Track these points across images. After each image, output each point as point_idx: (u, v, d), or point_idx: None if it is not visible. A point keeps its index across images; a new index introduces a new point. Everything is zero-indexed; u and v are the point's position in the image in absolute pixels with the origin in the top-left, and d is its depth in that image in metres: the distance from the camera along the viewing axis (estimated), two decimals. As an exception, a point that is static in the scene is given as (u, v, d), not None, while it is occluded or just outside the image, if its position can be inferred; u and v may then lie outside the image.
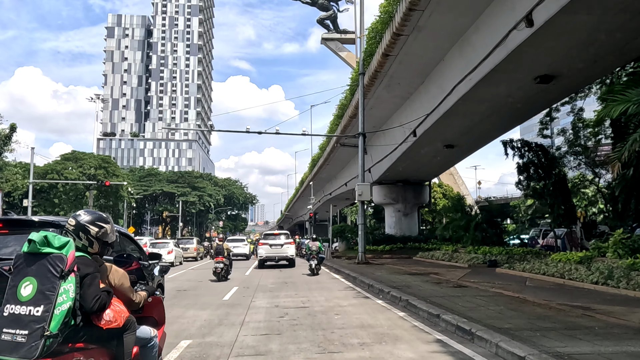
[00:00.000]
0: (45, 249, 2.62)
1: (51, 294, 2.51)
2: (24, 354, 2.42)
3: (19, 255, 2.67)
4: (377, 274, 13.33)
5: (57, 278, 2.54)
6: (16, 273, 2.62)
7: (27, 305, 2.50)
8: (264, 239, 21.31)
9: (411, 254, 26.90)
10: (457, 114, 17.88)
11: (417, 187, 30.28)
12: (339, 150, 32.37)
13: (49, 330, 2.45)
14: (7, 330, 2.48)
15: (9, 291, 2.57)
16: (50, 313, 2.47)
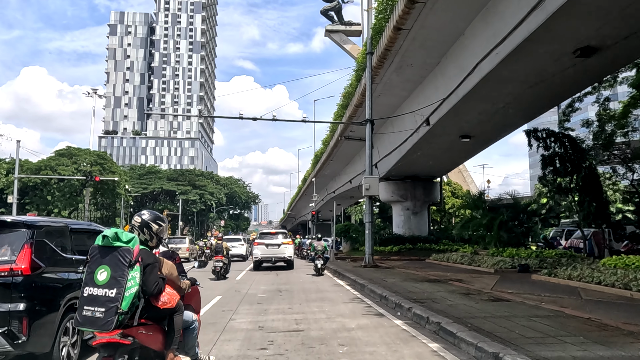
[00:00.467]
0: (117, 243, 3.23)
1: (122, 280, 3.14)
2: (101, 326, 3.07)
3: (93, 247, 3.30)
4: (389, 280, 11.25)
5: (126, 267, 3.18)
6: (92, 262, 3.25)
7: (102, 288, 3.14)
8: (260, 239, 19.30)
9: (421, 255, 24.80)
10: (477, 98, 15.75)
11: (427, 184, 28.14)
12: (343, 145, 30.27)
13: (121, 309, 3.09)
14: (87, 307, 3.13)
15: (87, 277, 3.23)
16: (122, 295, 3.10)
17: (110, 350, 3.22)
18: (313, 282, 13.14)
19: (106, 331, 3.07)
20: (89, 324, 3.11)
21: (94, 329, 3.10)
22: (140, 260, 3.24)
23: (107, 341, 3.18)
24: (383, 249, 25.75)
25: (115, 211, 59.81)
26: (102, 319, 3.05)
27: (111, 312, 3.05)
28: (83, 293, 3.18)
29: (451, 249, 25.42)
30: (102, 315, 3.05)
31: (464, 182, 52.48)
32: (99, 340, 3.20)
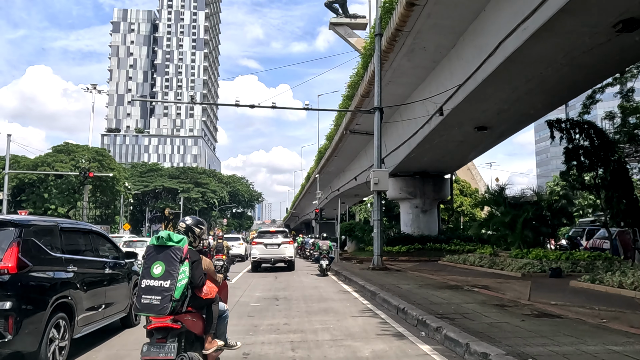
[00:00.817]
0: (169, 242, 3.87)
1: (175, 273, 3.75)
2: (158, 311, 3.67)
3: (149, 246, 3.94)
4: (403, 286, 9.75)
5: (178, 262, 3.79)
6: (148, 259, 3.85)
7: (158, 280, 3.74)
8: (259, 238, 17.88)
9: (432, 256, 23.29)
10: (498, 83, 14.23)
11: (437, 180, 26.59)
12: (348, 139, 28.76)
13: (174, 297, 3.70)
14: (145, 296, 3.72)
15: (144, 271, 3.82)
16: (175, 285, 3.72)
17: (163, 333, 3.78)
18: (315, 287, 11.66)
19: (162, 315, 3.68)
20: (147, 309, 3.68)
21: (152, 313, 3.69)
22: (188, 257, 3.87)
23: (160, 325, 3.76)
24: (390, 249, 24.25)
25: (115, 209, 58.56)
26: (159, 305, 3.63)
27: (166, 299, 3.64)
28: (141, 284, 3.75)
29: (463, 250, 23.91)
30: (159, 302, 3.63)
31: (472, 179, 50.88)
32: (154, 325, 3.78)
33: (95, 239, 6.27)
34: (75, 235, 5.79)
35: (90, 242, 6.09)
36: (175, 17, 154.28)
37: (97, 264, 6.00)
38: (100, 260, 6.13)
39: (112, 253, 6.66)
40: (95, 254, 6.09)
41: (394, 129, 23.55)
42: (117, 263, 6.60)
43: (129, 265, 7.04)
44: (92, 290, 5.61)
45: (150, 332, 3.84)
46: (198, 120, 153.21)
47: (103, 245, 6.52)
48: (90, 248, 6.03)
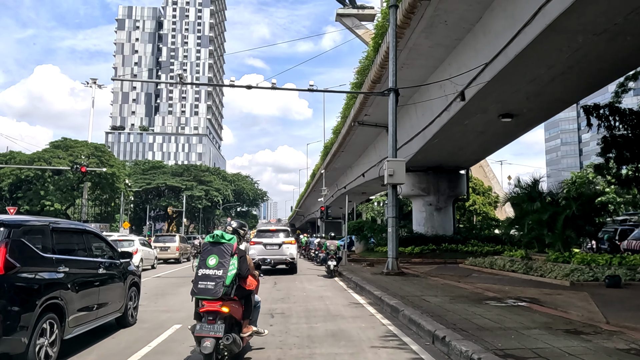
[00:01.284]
0: (222, 240, 4.87)
1: (226, 264, 4.73)
2: (212, 294, 4.57)
3: (205, 243, 4.95)
4: (430, 299, 7.83)
5: (229, 256, 4.79)
6: (204, 252, 4.83)
7: (212, 269, 4.70)
8: (257, 237, 16.06)
9: (447, 258, 21.37)
10: (534, 58, 12.29)
11: (452, 176, 24.63)
12: (356, 133, 26.87)
13: (225, 284, 4.63)
14: (201, 282, 4.64)
15: (201, 262, 4.78)
16: (226, 274, 4.68)
17: (212, 315, 4.62)
18: (321, 297, 9.72)
19: (214, 298, 4.58)
20: (203, 293, 4.63)
21: (206, 296, 4.61)
22: (237, 252, 4.88)
23: (211, 309, 4.61)
24: (402, 250, 22.28)
25: (115, 207, 56.96)
26: (213, 289, 4.60)
27: (219, 285, 4.62)
28: (198, 273, 4.73)
29: (481, 251, 21.99)
30: (213, 287, 4.61)
31: (485, 177, 48.75)
32: (206, 308, 4.63)
33: (89, 239, 6.22)
34: (68, 235, 5.77)
35: (83, 242, 6.02)
36: (180, 14, 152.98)
37: (90, 264, 5.95)
38: (94, 261, 6.09)
39: (107, 253, 6.64)
40: (88, 254, 6.05)
41: (407, 119, 21.62)
42: (112, 263, 6.58)
43: (124, 265, 6.96)
44: (85, 290, 5.58)
45: (199, 315, 4.69)
46: (203, 118, 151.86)
47: (97, 245, 6.49)
48: (83, 248, 5.97)
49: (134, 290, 7.19)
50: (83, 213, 44.32)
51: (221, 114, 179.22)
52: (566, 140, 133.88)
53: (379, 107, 21.97)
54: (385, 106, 21.95)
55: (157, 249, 20.59)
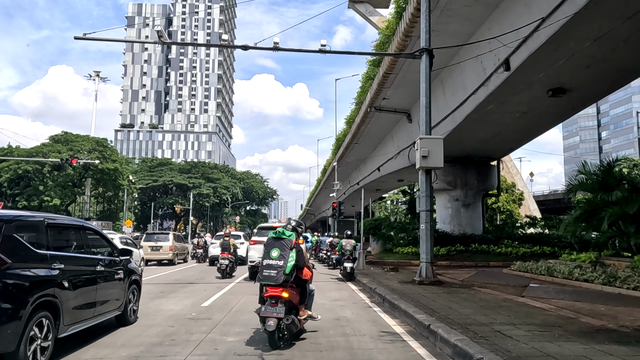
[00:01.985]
0: (283, 236, 5.84)
1: (286, 256, 5.65)
2: (274, 280, 5.52)
3: (269, 238, 5.94)
4: (506, 329, 4.99)
5: (288, 249, 5.71)
6: (268, 246, 5.81)
7: (275, 260, 5.63)
8: (258, 235, 13.48)
9: (478, 260, 18.70)
10: (608, 6, 9.55)
11: (482, 168, 21.85)
12: (372, 121, 24.23)
13: (285, 272, 5.57)
14: (265, 270, 5.61)
15: (265, 254, 5.76)
16: (286, 264, 5.60)
17: (275, 299, 5.43)
18: (338, 320, 7.04)
19: (276, 284, 5.48)
20: (267, 279, 5.54)
21: (270, 282, 5.51)
22: (295, 247, 5.79)
23: (274, 294, 5.47)
24: (426, 251, 19.60)
25: (118, 204, 54.84)
26: (275, 277, 5.50)
27: (280, 273, 5.52)
28: (263, 263, 5.70)
29: (517, 253, 19.27)
30: (275, 275, 5.51)
31: (507, 173, 45.68)
32: (269, 293, 5.50)
33: (87, 235, 6.07)
34: (64, 232, 5.65)
35: (81, 239, 5.86)
36: (190, 11, 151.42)
37: (87, 261, 5.83)
38: (92, 257, 5.96)
39: (106, 250, 6.51)
40: (86, 251, 5.91)
41: (432, 101, 18.85)
42: (112, 260, 6.45)
43: (124, 262, 6.84)
44: (82, 288, 5.43)
45: (263, 299, 5.64)
46: (212, 116, 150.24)
47: (96, 241, 6.35)
48: (81, 245, 5.83)
49: (134, 287, 7.15)
50: (85, 210, 42.16)
51: (231, 112, 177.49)
52: (585, 137, 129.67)
53: (400, 89, 19.30)
54: (407, 88, 19.31)
55: (148, 249, 18.16)
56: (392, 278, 11.84)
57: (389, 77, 18.24)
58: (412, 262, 18.90)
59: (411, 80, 18.18)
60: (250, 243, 13.24)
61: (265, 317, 5.36)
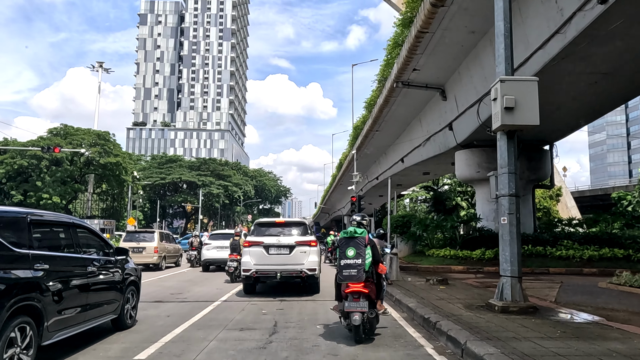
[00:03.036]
0: (356, 234, 5.93)
1: (363, 254, 5.78)
2: (356, 279, 5.68)
3: (341, 238, 6.08)
4: None
5: (363, 246, 5.83)
6: (342, 246, 5.93)
7: (352, 259, 5.76)
8: (256, 234, 10.01)
9: (535, 265, 15.17)
10: None
11: (533, 153, 18.15)
12: (397, 101, 20.70)
13: (365, 269, 5.73)
14: (345, 270, 5.76)
15: (341, 254, 5.91)
16: (364, 262, 5.74)
17: (357, 294, 5.66)
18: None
19: (358, 282, 5.69)
20: (348, 279, 5.74)
21: (352, 281, 5.72)
22: (369, 243, 5.92)
23: (356, 290, 5.70)
24: (467, 255, 16.00)
25: (123, 202, 51.99)
26: (356, 276, 5.68)
27: (360, 271, 5.70)
28: (341, 263, 5.85)
29: (580, 256, 15.55)
30: (356, 274, 5.68)
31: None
32: (351, 289, 5.72)
33: (77, 234, 5.62)
34: (51, 230, 5.30)
35: (70, 237, 5.45)
36: (202, 7, 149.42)
37: (77, 261, 5.42)
38: (83, 257, 5.54)
39: (101, 249, 6.17)
40: (76, 250, 5.47)
41: (477, 67, 15.26)
42: (107, 260, 6.13)
43: (120, 262, 6.51)
44: (70, 290, 5.04)
45: (340, 295, 5.92)
46: (225, 113, 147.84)
47: (88, 240, 5.94)
48: (70, 244, 5.42)
49: (132, 289, 6.75)
50: (88, 208, 39.22)
51: (244, 110, 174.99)
52: (612, 133, 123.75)
53: (435, 57, 15.70)
54: (443, 55, 15.66)
55: (128, 251, 14.95)
56: (447, 297, 8.24)
57: (423, 37, 14.61)
58: (453, 268, 15.32)
59: (451, 42, 14.61)
60: (244, 245, 9.78)
61: (349, 312, 5.58)
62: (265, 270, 9.50)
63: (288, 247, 9.61)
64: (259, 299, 9.22)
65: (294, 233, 9.96)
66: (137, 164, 77.90)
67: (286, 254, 9.56)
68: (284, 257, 9.53)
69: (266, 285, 11.05)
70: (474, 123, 16.33)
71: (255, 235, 9.96)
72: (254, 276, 9.37)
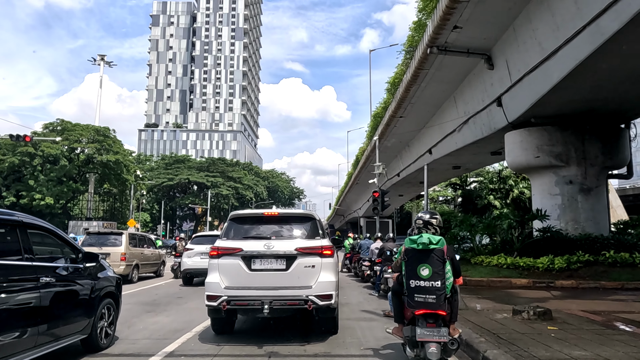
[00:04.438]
0: (431, 245, 4.31)
1: (442, 273, 4.29)
2: (435, 308, 4.23)
3: (408, 249, 4.44)
4: None
5: (442, 263, 4.30)
6: (411, 260, 4.39)
7: (428, 281, 4.27)
8: (231, 236, 6.15)
9: (625, 279, 11.34)
10: None
11: (607, 134, 14.24)
12: (430, 74, 17.05)
13: (447, 294, 4.32)
14: (418, 295, 4.29)
15: (410, 272, 4.39)
16: (445, 284, 4.30)
17: (432, 318, 4.28)
18: None
19: (436, 310, 4.26)
20: (423, 306, 4.27)
21: (429, 309, 4.26)
22: (448, 255, 4.38)
23: (432, 312, 4.28)
24: (530, 264, 12.17)
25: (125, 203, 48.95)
26: (436, 304, 4.23)
27: (441, 298, 4.24)
28: (410, 284, 4.37)
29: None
30: (435, 301, 4.22)
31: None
32: (424, 311, 4.29)
33: (28, 236, 4.52)
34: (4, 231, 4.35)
35: (17, 241, 4.37)
36: (214, 6, 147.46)
37: (22, 271, 4.31)
38: (32, 266, 4.41)
39: (66, 254, 5.17)
40: (24, 257, 4.38)
41: (543, 12, 11.42)
42: (75, 268, 5.13)
43: (91, 270, 5.44)
44: (11, 307, 4.05)
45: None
46: (237, 114, 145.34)
47: (46, 244, 4.95)
48: (16, 248, 4.34)
49: (108, 303, 5.71)
50: (87, 209, 36.22)
51: (257, 111, 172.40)
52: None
53: (484, 5, 11.98)
54: (495, 4, 12.06)
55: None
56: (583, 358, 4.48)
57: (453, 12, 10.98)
58: (513, 281, 11.54)
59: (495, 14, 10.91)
60: (210, 253, 5.94)
61: (424, 341, 4.22)
62: (244, 299, 5.66)
63: (284, 257, 5.76)
64: (232, 351, 5.59)
65: (295, 234, 6.13)
66: (146, 164, 75.18)
67: (281, 270, 5.74)
68: (276, 276, 5.73)
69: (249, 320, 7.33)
70: (536, 93, 12.55)
71: (231, 237, 6.13)
72: (224, 308, 5.67)
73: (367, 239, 15.45)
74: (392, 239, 9.58)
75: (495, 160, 24.94)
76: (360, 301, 9.45)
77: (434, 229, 4.55)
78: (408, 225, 57.32)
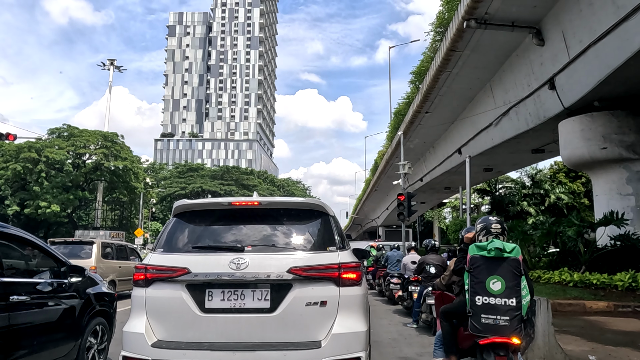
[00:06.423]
0: (505, 253, 3.29)
1: (518, 289, 3.22)
2: (509, 333, 3.12)
3: (476, 257, 3.35)
4: None
5: (519, 276, 3.25)
6: (477, 270, 3.32)
7: (500, 297, 3.18)
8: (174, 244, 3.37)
9: None
10: None
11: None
12: (464, 56, 14.70)
13: (523, 316, 3.21)
14: (486, 315, 3.18)
15: (477, 286, 3.29)
16: (521, 303, 3.21)
17: (503, 350, 3.19)
18: None
19: (509, 336, 3.16)
20: (492, 331, 3.16)
21: (500, 335, 3.15)
22: (524, 268, 3.34)
23: (501, 341, 3.18)
24: (604, 281, 9.52)
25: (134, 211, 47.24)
26: (510, 327, 3.14)
27: (516, 320, 3.16)
28: (475, 302, 3.27)
29: None
30: (508, 324, 3.14)
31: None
32: (492, 340, 3.19)
33: (3, 248, 3.89)
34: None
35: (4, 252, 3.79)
36: (230, 15, 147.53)
37: None
38: (2, 282, 3.63)
39: (49, 267, 4.44)
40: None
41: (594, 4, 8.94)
42: (58, 284, 4.37)
43: (77, 286, 4.63)
44: None
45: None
46: (253, 123, 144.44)
47: (22, 257, 4.30)
48: None
49: (99, 323, 4.91)
50: (96, 218, 34.48)
51: (273, 120, 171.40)
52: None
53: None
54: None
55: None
56: None
57: None
58: (587, 305, 8.91)
59: None
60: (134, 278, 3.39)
61: None
62: None
63: (267, 287, 3.14)
64: None
65: (291, 242, 3.43)
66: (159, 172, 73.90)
67: (262, 312, 3.11)
68: (253, 323, 3.09)
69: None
70: (606, 66, 10.01)
71: (172, 247, 3.43)
72: None
73: (395, 249, 12.85)
74: (435, 248, 6.98)
75: (534, 159, 22.28)
76: (395, 338, 6.64)
77: (504, 235, 3.54)
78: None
